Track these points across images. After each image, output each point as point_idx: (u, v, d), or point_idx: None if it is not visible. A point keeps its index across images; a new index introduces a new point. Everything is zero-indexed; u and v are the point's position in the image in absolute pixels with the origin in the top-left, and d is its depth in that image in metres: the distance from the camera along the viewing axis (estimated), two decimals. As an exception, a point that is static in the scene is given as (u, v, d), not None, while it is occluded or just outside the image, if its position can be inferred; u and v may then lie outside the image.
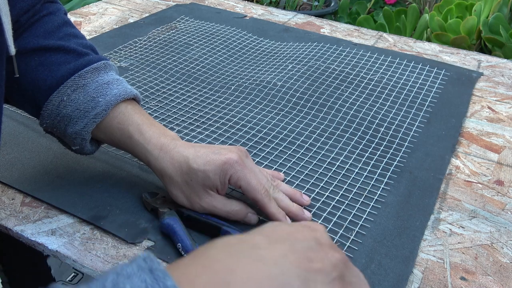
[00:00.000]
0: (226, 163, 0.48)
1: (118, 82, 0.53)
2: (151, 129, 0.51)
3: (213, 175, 0.48)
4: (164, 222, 0.50)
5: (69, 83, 0.51)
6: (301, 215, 0.52)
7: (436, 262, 0.50)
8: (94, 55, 0.54)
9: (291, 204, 0.52)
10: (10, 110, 0.69)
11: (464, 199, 0.59)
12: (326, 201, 0.56)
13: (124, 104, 0.52)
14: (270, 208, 0.50)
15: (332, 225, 0.53)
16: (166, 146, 0.50)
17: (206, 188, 0.49)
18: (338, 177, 0.60)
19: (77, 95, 0.51)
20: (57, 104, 0.51)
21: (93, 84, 0.52)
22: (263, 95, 0.76)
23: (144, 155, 0.51)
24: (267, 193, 0.50)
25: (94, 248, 0.49)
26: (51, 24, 0.53)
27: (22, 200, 0.54)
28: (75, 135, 0.52)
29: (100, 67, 0.53)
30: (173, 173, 0.49)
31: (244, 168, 0.49)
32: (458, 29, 1.56)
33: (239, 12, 1.12)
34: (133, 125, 0.51)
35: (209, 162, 0.48)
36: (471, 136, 0.71)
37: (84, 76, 0.51)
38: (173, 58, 0.87)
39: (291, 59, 0.88)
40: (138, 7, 1.11)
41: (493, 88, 0.84)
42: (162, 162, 0.50)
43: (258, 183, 0.49)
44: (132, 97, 0.53)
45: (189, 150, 0.50)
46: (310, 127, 0.70)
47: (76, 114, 0.51)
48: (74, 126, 0.51)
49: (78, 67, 0.52)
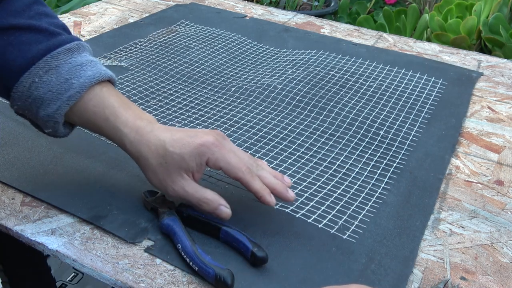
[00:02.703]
0: (202, 145, 0.48)
1: (92, 63, 0.51)
2: (127, 112, 0.50)
3: (189, 158, 0.48)
4: (163, 222, 0.50)
5: (41, 64, 0.49)
6: (285, 193, 0.51)
7: (436, 262, 0.50)
8: (67, 35, 0.52)
9: (275, 181, 0.51)
10: (10, 110, 0.69)
11: (464, 199, 0.59)
12: (325, 201, 0.56)
13: (99, 86, 0.50)
14: (254, 185, 0.49)
15: (330, 223, 0.53)
16: (142, 129, 0.50)
17: (181, 171, 0.49)
18: (337, 177, 0.60)
19: (49, 76, 0.49)
20: (28, 86, 0.49)
21: (66, 66, 0.50)
22: (263, 97, 0.76)
23: (120, 138, 0.50)
24: (249, 170, 0.49)
25: (94, 247, 0.49)
26: (21, 2, 0.51)
27: (22, 200, 0.54)
28: (47, 118, 0.50)
29: (73, 47, 0.51)
30: (149, 155, 0.49)
31: (222, 149, 0.49)
32: (458, 29, 1.56)
33: (239, 12, 1.12)
34: (109, 108, 0.50)
35: (185, 145, 0.48)
36: (471, 136, 0.71)
37: (56, 57, 0.50)
38: (173, 60, 0.87)
39: (291, 64, 0.88)
40: (138, 7, 1.11)
41: (493, 88, 0.84)
42: (138, 145, 0.49)
43: (239, 161, 0.49)
44: (107, 78, 0.52)
45: (165, 134, 0.49)
46: (311, 128, 0.70)
47: (49, 96, 0.49)
48: (46, 108, 0.49)
49: (50, 47, 0.50)
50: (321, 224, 0.53)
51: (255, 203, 0.55)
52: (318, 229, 0.52)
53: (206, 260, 0.45)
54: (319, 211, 0.55)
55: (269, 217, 0.53)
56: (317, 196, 0.57)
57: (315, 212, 0.54)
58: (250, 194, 0.51)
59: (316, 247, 0.50)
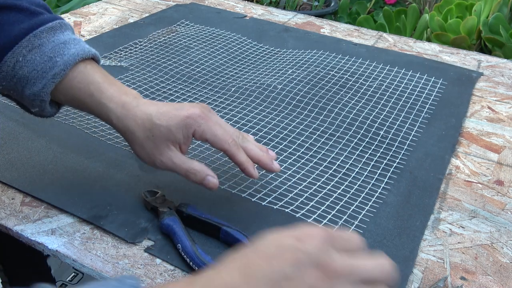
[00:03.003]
0: (189, 118, 0.49)
1: (75, 41, 0.52)
2: (112, 88, 0.51)
3: (175, 129, 0.49)
4: (163, 222, 0.50)
5: (24, 43, 0.49)
6: (269, 164, 0.53)
7: (436, 262, 0.50)
8: (48, 14, 0.52)
9: (260, 153, 0.52)
10: (10, 110, 0.69)
11: (464, 199, 0.59)
12: (325, 201, 0.56)
13: (83, 63, 0.51)
14: (239, 157, 0.50)
15: (330, 223, 0.53)
16: (128, 104, 0.50)
17: (168, 143, 0.49)
18: (337, 177, 0.60)
19: (33, 55, 0.49)
20: (12, 66, 0.49)
21: (50, 44, 0.50)
22: (263, 97, 0.76)
23: (106, 113, 0.51)
24: (234, 142, 0.50)
25: (94, 247, 0.49)
26: None
27: (22, 200, 0.54)
28: (33, 97, 0.50)
29: (56, 26, 0.51)
30: (136, 129, 0.50)
31: (208, 121, 0.50)
32: (458, 29, 1.56)
33: (239, 12, 1.12)
34: (94, 84, 0.50)
35: (171, 118, 0.49)
36: (471, 136, 0.71)
37: (39, 36, 0.50)
38: (173, 60, 0.87)
39: (291, 64, 0.88)
40: (138, 7, 1.11)
41: (493, 88, 0.84)
42: (125, 120, 0.50)
43: (225, 133, 0.50)
44: (91, 56, 0.52)
45: (151, 108, 0.50)
46: (311, 128, 0.70)
47: (34, 75, 0.49)
48: (32, 87, 0.50)
49: (32, 26, 0.50)
50: (321, 224, 0.53)
51: (255, 203, 0.55)
52: (318, 229, 0.52)
53: (206, 260, 0.45)
54: (319, 211, 0.55)
55: (269, 217, 0.53)
56: (317, 196, 0.57)
57: (315, 212, 0.54)
58: (249, 194, 0.51)
59: (316, 247, 0.50)
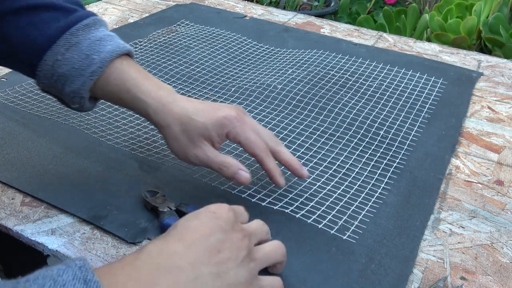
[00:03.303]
0: (225, 118, 0.50)
1: (110, 38, 0.53)
2: (147, 82, 0.52)
3: (211, 127, 0.50)
4: (164, 222, 0.50)
5: (61, 42, 0.50)
6: (299, 170, 0.54)
7: (436, 262, 0.50)
8: (82, 10, 0.53)
9: (292, 158, 0.54)
10: (10, 110, 0.69)
11: (464, 199, 0.59)
12: (325, 202, 0.56)
13: (118, 60, 0.52)
14: (268, 164, 0.52)
15: (330, 223, 0.53)
16: (164, 98, 0.51)
17: (203, 138, 0.51)
18: (337, 177, 0.60)
19: (70, 53, 0.50)
20: (52, 64, 0.50)
21: (86, 42, 0.51)
22: (263, 97, 0.76)
23: (144, 108, 0.52)
24: (265, 149, 0.52)
25: (94, 247, 0.49)
26: None
27: (22, 200, 0.54)
28: (73, 94, 0.51)
29: (90, 23, 0.52)
30: (172, 123, 0.51)
31: (243, 124, 0.51)
32: (458, 29, 1.56)
33: (239, 12, 1.12)
34: (130, 80, 0.52)
35: (208, 115, 0.51)
36: (471, 136, 0.71)
37: (75, 34, 0.51)
38: (173, 60, 0.87)
39: (291, 64, 0.88)
40: (138, 7, 1.11)
41: (493, 88, 0.84)
42: (162, 114, 0.51)
43: (258, 139, 0.51)
44: (126, 52, 0.53)
45: (188, 104, 0.52)
46: (311, 128, 0.70)
47: (72, 73, 0.50)
48: (71, 85, 0.51)
49: (68, 24, 0.51)
50: (321, 225, 0.53)
51: (255, 204, 0.55)
52: (318, 229, 0.52)
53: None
54: (319, 211, 0.55)
55: (269, 217, 0.53)
56: (317, 196, 0.57)
57: (315, 213, 0.54)
58: (249, 194, 0.51)
59: (316, 247, 0.50)
